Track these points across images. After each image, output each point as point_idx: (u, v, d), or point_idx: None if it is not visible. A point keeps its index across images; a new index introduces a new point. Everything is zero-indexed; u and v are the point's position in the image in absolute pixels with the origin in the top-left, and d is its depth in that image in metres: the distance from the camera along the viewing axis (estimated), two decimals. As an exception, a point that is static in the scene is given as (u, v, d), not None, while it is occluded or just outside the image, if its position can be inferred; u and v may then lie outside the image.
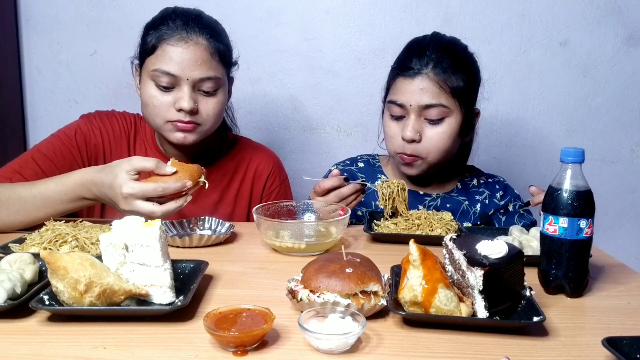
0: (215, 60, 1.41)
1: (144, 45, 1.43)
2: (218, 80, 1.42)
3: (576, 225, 0.95)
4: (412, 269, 0.84)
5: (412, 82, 1.45)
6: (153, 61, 1.39)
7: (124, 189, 1.17)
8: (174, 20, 1.40)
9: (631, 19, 2.05)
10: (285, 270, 1.08)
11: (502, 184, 1.66)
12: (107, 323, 0.83)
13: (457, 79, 1.45)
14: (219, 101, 1.43)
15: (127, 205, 1.18)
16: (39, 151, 1.43)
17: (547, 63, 2.08)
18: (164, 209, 1.18)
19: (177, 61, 1.37)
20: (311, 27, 2.08)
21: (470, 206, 1.61)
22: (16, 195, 1.25)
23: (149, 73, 1.39)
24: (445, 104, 1.44)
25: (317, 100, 2.14)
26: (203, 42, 1.39)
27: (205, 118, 1.42)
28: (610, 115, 2.12)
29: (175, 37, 1.38)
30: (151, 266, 0.87)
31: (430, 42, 1.49)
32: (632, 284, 1.06)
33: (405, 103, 1.46)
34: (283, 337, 0.80)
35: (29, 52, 2.14)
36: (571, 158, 0.96)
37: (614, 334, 0.76)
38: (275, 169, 1.65)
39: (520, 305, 0.89)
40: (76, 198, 1.25)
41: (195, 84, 1.39)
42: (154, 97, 1.39)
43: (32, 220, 1.26)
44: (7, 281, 0.85)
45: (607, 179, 2.15)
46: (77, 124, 1.51)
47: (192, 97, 1.39)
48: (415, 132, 1.46)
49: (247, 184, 1.62)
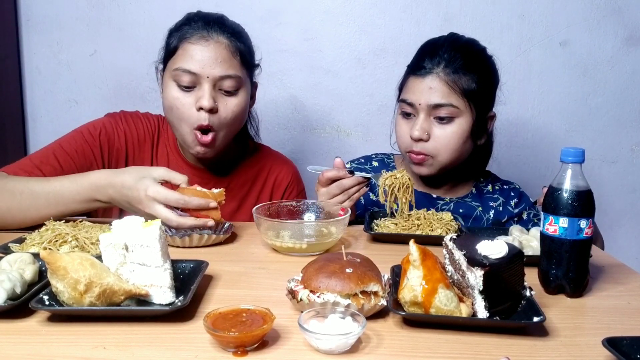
0: (236, 59, 1.40)
1: (167, 48, 1.43)
2: (239, 79, 1.40)
3: (576, 225, 0.95)
4: (412, 269, 0.84)
5: (422, 81, 1.45)
6: (174, 61, 1.39)
7: (149, 191, 1.17)
8: (196, 21, 1.41)
9: (631, 19, 2.05)
10: (285, 270, 1.08)
11: (517, 191, 1.63)
12: (107, 323, 0.83)
13: (469, 80, 1.44)
14: (239, 102, 1.42)
15: (148, 207, 1.18)
16: (60, 147, 1.41)
17: (547, 63, 2.08)
18: (181, 221, 1.19)
19: (198, 59, 1.36)
20: (311, 27, 2.08)
21: (484, 212, 1.59)
22: (29, 190, 1.25)
23: (171, 73, 1.39)
24: (454, 104, 1.43)
25: (317, 100, 2.14)
26: (224, 41, 1.39)
27: (224, 118, 1.40)
28: (610, 115, 2.12)
29: (196, 35, 1.38)
30: (151, 266, 0.87)
31: (444, 43, 1.48)
32: (632, 284, 1.06)
33: (415, 102, 1.46)
34: (283, 337, 0.80)
35: (29, 52, 2.14)
36: (571, 158, 0.96)
37: (614, 334, 0.76)
38: (294, 179, 1.64)
39: (520, 306, 0.89)
40: (89, 199, 1.25)
41: (215, 82, 1.37)
42: (176, 99, 1.38)
43: (42, 217, 1.25)
44: (7, 281, 0.85)
45: (607, 179, 2.15)
46: (103, 123, 1.49)
47: (213, 95, 1.37)
48: (423, 131, 1.45)
49: (266, 193, 1.61)
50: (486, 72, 1.50)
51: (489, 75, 1.50)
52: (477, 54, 1.50)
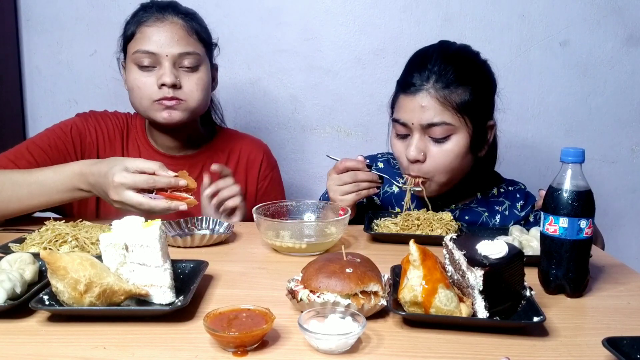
0: (193, 37, 1.45)
1: (125, 35, 1.48)
2: (198, 56, 1.45)
3: (576, 226, 0.95)
4: (412, 269, 0.84)
5: (413, 100, 1.36)
6: (133, 45, 1.44)
7: (116, 177, 1.17)
8: (150, 7, 1.47)
9: (631, 19, 2.04)
10: (285, 270, 1.08)
11: (523, 193, 1.56)
12: (107, 323, 0.83)
13: (462, 93, 1.35)
14: (200, 77, 1.46)
15: (117, 194, 1.18)
16: (34, 143, 1.44)
17: (547, 63, 2.08)
18: (152, 204, 1.18)
19: (155, 40, 1.41)
20: (311, 27, 2.08)
21: (490, 218, 1.52)
22: (11, 182, 1.26)
23: (131, 57, 1.44)
24: (448, 122, 1.35)
25: (317, 100, 2.14)
26: (179, 21, 1.44)
27: (189, 93, 1.44)
28: (610, 115, 2.12)
29: (152, 18, 1.43)
30: (151, 266, 0.87)
31: (433, 54, 1.40)
32: (632, 284, 1.06)
33: (407, 121, 1.38)
34: (283, 337, 0.80)
35: (29, 52, 2.14)
36: (571, 158, 0.96)
37: (614, 334, 0.76)
38: (265, 156, 1.68)
39: (520, 306, 0.89)
40: (72, 188, 1.26)
41: (175, 60, 1.42)
42: (137, 79, 1.43)
43: (25, 208, 1.27)
44: (7, 281, 0.85)
45: (607, 179, 2.15)
46: (73, 120, 1.54)
47: (174, 73, 1.42)
48: (419, 152, 1.37)
49: (241, 173, 1.63)
50: (481, 81, 1.41)
51: (484, 84, 1.42)
52: (469, 62, 1.42)
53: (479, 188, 1.56)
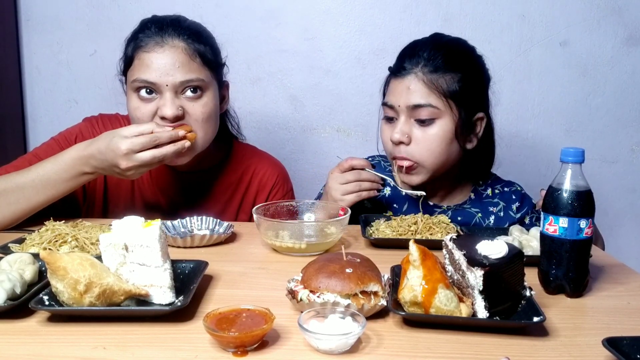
0: (196, 62, 1.33)
1: (125, 59, 1.38)
2: (202, 82, 1.34)
3: (576, 225, 0.95)
4: (412, 269, 0.84)
5: (401, 82, 1.40)
6: (132, 72, 1.34)
7: (122, 145, 1.18)
8: (149, 27, 1.35)
9: (631, 19, 2.05)
10: (285, 270, 1.08)
11: (519, 194, 1.55)
12: (107, 323, 0.83)
13: (450, 79, 1.37)
14: (205, 104, 1.35)
15: (129, 160, 1.19)
16: (37, 155, 1.39)
17: (547, 63, 2.08)
18: (164, 151, 1.21)
19: (154, 68, 1.30)
20: (311, 27, 2.08)
21: (484, 219, 1.51)
22: (13, 184, 1.25)
23: (130, 85, 1.34)
24: (434, 105, 1.36)
25: (317, 100, 2.14)
26: (180, 44, 1.32)
27: (193, 123, 1.33)
28: (610, 115, 2.12)
29: (151, 43, 1.32)
30: (151, 266, 0.87)
31: (425, 42, 1.43)
32: (632, 284, 1.06)
33: (394, 104, 1.40)
34: (283, 337, 0.80)
35: (29, 52, 2.14)
36: (571, 158, 0.96)
37: (614, 334, 0.76)
38: (279, 179, 1.58)
39: (520, 306, 0.89)
40: (77, 174, 1.25)
41: (177, 89, 1.31)
42: (136, 109, 1.33)
43: (34, 207, 1.25)
44: (6, 281, 0.85)
45: (607, 179, 2.15)
46: (79, 128, 1.48)
47: (176, 103, 1.31)
48: (403, 134, 1.39)
49: (251, 195, 1.56)
50: (471, 71, 1.42)
51: (474, 74, 1.43)
52: (460, 51, 1.43)
53: (472, 184, 1.56)
